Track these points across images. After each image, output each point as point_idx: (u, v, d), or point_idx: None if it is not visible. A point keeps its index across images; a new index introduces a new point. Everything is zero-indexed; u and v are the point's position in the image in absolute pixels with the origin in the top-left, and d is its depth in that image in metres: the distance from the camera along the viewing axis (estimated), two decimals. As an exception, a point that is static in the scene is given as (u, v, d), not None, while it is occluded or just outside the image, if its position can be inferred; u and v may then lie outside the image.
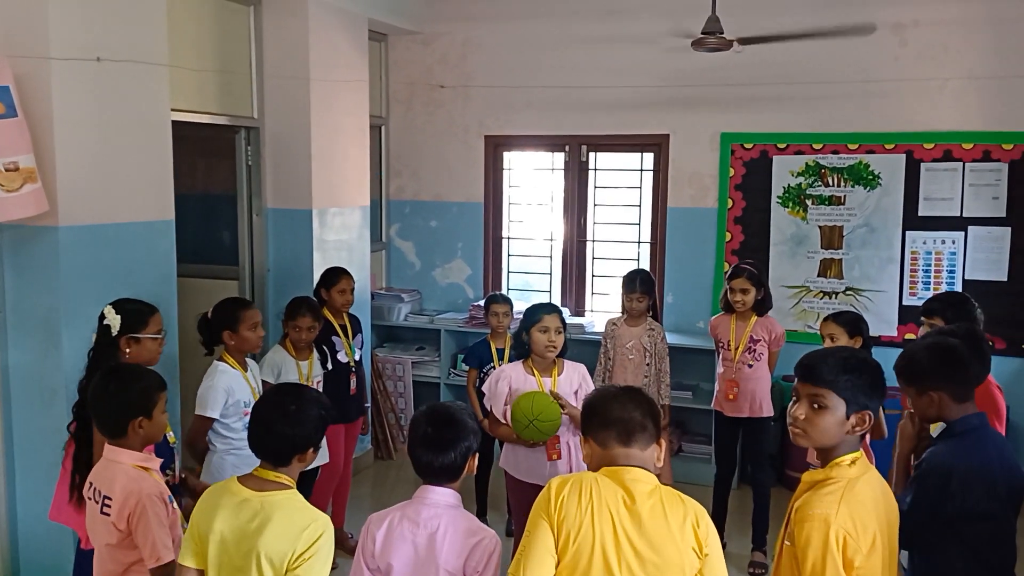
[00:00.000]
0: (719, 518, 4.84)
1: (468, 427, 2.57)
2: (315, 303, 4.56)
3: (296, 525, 2.39)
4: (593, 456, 2.40)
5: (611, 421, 2.36)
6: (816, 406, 2.28)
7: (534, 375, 3.87)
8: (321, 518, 2.44)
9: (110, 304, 3.34)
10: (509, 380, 3.88)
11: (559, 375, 3.91)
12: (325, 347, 4.69)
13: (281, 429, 2.47)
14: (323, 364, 4.61)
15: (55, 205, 3.70)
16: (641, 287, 4.93)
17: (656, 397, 4.93)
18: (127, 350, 3.30)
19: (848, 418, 2.27)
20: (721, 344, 4.91)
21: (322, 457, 4.37)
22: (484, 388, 4.04)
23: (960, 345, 2.76)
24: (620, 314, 5.11)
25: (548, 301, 4.24)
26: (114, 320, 3.28)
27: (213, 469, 3.85)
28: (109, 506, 2.68)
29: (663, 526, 2.25)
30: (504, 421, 3.84)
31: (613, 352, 5.03)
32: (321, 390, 4.46)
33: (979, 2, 5.42)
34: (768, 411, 4.84)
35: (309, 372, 4.43)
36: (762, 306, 4.81)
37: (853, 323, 4.26)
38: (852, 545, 2.16)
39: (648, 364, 4.95)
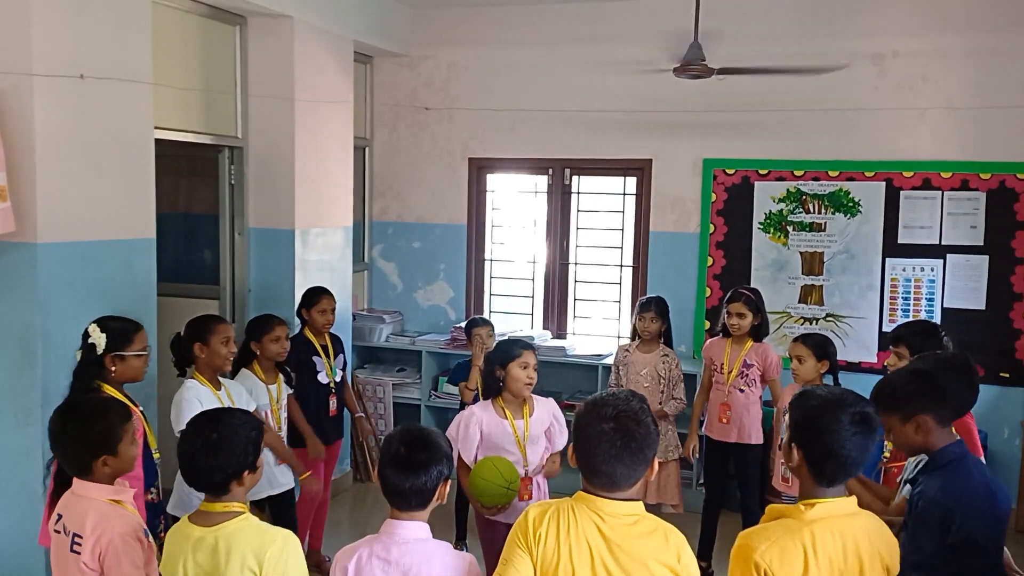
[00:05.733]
0: (707, 544, 4.82)
1: (443, 451, 2.46)
2: (276, 315, 4.47)
3: (258, 550, 2.33)
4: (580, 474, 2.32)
5: (597, 474, 2.23)
6: None
7: (507, 418, 3.67)
8: (280, 534, 2.38)
9: (94, 322, 3.31)
10: (480, 424, 3.66)
11: (531, 416, 3.72)
12: (288, 367, 4.52)
13: (204, 461, 2.38)
14: (288, 384, 4.51)
15: (35, 222, 3.66)
16: (655, 309, 4.96)
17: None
18: (112, 368, 3.28)
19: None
20: (714, 367, 4.89)
21: (288, 481, 4.32)
22: (450, 432, 3.67)
23: (932, 368, 2.78)
24: (632, 340, 5.11)
25: (518, 338, 4.11)
26: (99, 339, 3.25)
27: (181, 488, 3.78)
28: (80, 544, 2.58)
29: (640, 560, 2.20)
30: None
31: (626, 379, 5.00)
32: (286, 411, 4.42)
33: (956, 34, 5.50)
34: (757, 439, 4.78)
35: (279, 395, 4.36)
36: (758, 332, 4.78)
37: (820, 345, 4.28)
38: None
39: (663, 392, 4.94)
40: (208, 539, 2.36)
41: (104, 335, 3.26)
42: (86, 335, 3.30)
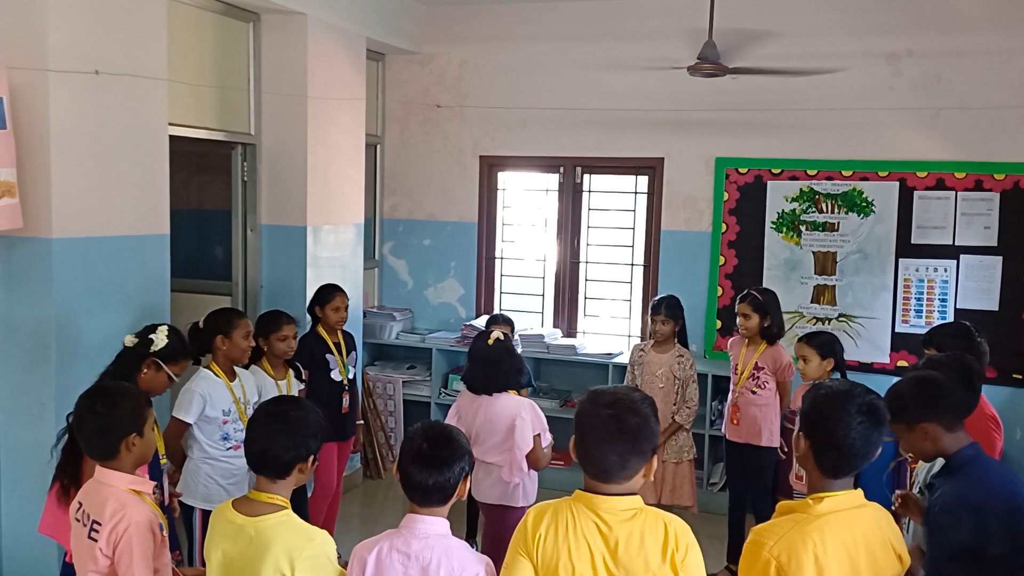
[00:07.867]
0: (736, 546, 4.78)
1: (464, 448, 2.48)
2: (286, 313, 4.49)
3: (293, 549, 2.37)
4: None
5: (590, 460, 2.25)
6: None
7: None
8: (318, 535, 2.44)
9: (167, 326, 3.40)
10: None
11: None
12: (298, 363, 4.54)
13: (280, 439, 2.46)
14: (298, 379, 4.51)
15: (49, 217, 3.68)
16: (666, 311, 4.90)
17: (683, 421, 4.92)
18: (145, 371, 3.33)
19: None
20: (732, 368, 4.90)
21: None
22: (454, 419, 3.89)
23: (939, 375, 2.76)
24: (647, 339, 5.09)
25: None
26: (161, 340, 3.35)
27: (188, 476, 3.84)
28: (97, 531, 2.61)
29: (640, 555, 2.20)
30: None
31: (640, 379, 4.96)
32: None
33: (971, 34, 5.47)
34: (769, 441, 4.72)
35: (288, 390, 4.36)
36: (768, 334, 4.73)
37: (825, 345, 4.26)
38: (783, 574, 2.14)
39: (677, 393, 4.92)
40: (247, 529, 2.41)
41: (167, 340, 3.34)
42: (151, 329, 3.38)
